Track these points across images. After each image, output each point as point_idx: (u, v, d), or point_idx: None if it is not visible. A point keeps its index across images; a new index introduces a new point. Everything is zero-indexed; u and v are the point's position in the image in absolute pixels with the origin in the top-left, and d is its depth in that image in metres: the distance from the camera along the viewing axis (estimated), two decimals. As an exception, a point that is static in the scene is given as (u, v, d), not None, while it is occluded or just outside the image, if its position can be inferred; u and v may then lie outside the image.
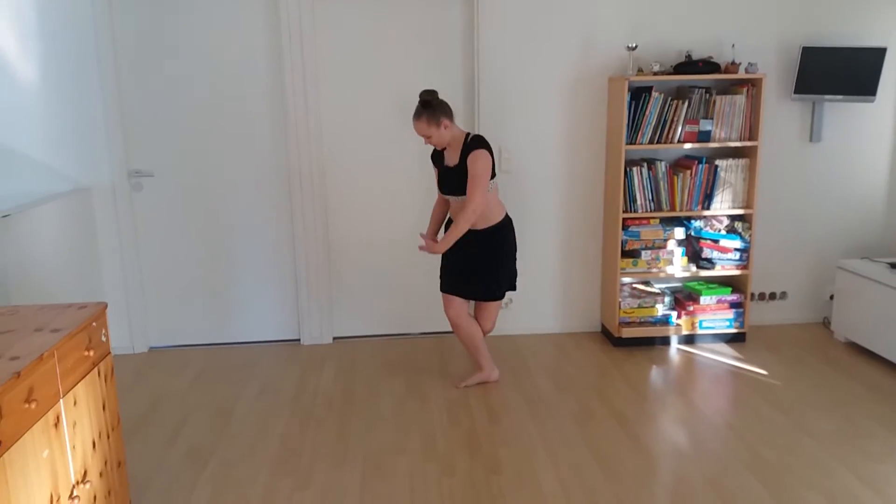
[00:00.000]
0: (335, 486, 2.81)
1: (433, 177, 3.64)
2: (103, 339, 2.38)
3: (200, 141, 4.11)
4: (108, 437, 2.37)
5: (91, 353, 2.26)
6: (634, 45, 4.00)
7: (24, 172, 3.93)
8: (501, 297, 3.66)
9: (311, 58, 4.02)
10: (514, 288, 3.72)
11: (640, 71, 4.07)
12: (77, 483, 2.12)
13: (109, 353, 2.42)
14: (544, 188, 4.31)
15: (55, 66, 3.87)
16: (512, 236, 3.61)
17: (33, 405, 1.88)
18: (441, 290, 3.65)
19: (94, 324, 2.30)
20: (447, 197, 3.56)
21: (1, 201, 3.41)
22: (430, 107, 3.34)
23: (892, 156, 4.45)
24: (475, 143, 3.38)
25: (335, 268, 4.34)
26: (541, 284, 4.41)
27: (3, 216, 3.17)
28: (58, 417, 2.03)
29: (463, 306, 3.62)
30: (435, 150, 3.58)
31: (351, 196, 4.28)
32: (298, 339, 4.38)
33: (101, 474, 2.29)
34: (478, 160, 3.33)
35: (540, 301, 4.44)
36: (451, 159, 3.46)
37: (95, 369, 2.30)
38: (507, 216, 3.57)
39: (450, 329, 4.45)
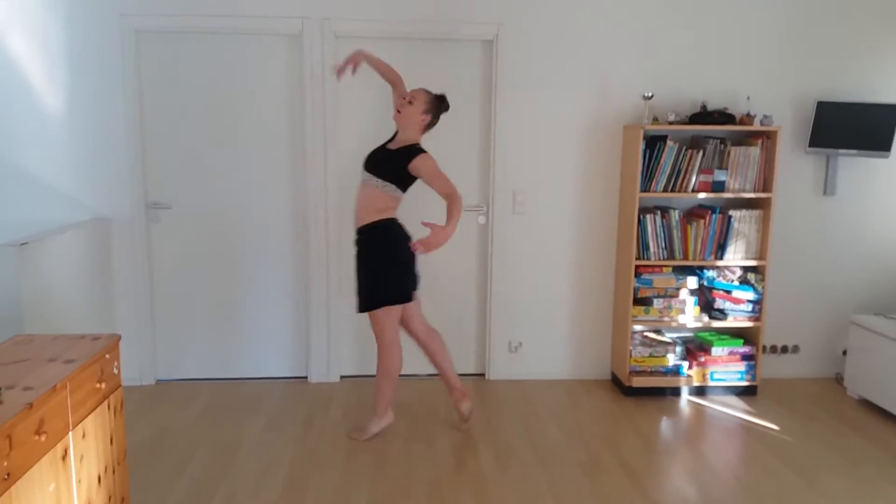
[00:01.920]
0: (339, 529, 2.77)
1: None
2: (115, 371, 2.38)
3: (218, 177, 4.16)
4: (114, 472, 2.36)
5: (102, 385, 2.27)
6: (651, 94, 4.05)
7: (45, 200, 3.98)
8: (379, 305, 3.38)
9: (331, 98, 4.09)
10: (405, 298, 3.43)
11: (655, 120, 4.11)
12: (81, 518, 2.10)
13: (120, 385, 2.42)
14: (557, 232, 4.32)
15: (81, 98, 3.95)
16: (400, 237, 3.39)
17: (43, 437, 1.88)
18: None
19: (107, 356, 2.31)
20: (364, 172, 3.39)
21: (20, 229, 3.45)
22: (441, 103, 3.42)
23: (906, 212, 4.45)
24: (418, 152, 3.31)
25: (346, 305, 4.33)
26: (551, 329, 4.40)
27: (21, 244, 3.20)
28: (66, 450, 2.03)
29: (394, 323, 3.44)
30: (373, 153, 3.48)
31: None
32: (306, 377, 4.36)
33: (105, 509, 2.27)
34: (422, 167, 3.28)
35: (550, 346, 4.42)
36: (393, 145, 3.43)
37: (106, 402, 2.30)
38: (394, 220, 3.40)
39: (459, 371, 4.42)
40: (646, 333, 4.25)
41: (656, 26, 4.17)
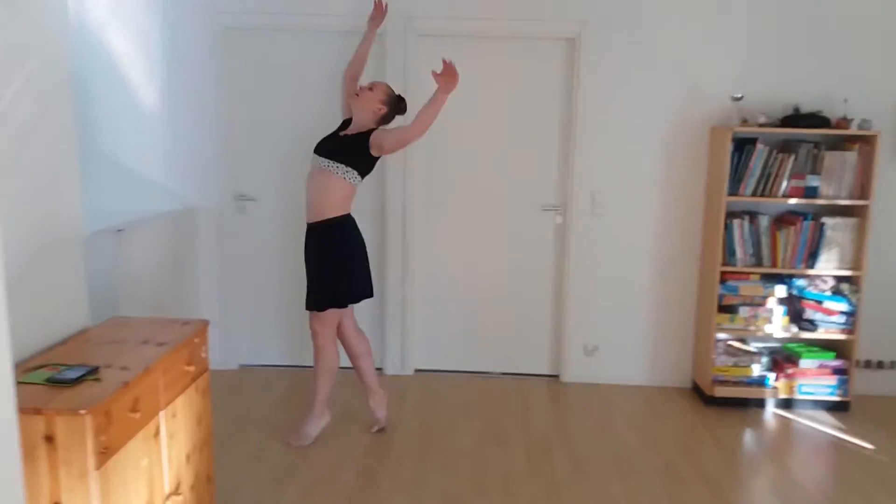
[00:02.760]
0: (412, 522, 2.78)
1: (526, 214, 3.59)
2: (203, 355, 2.46)
3: (301, 170, 4.25)
4: (201, 452, 2.44)
5: (192, 367, 2.34)
6: (740, 95, 3.90)
7: (140, 190, 4.16)
8: (331, 305, 3.30)
9: (411, 95, 4.11)
10: (356, 300, 3.40)
11: (744, 122, 3.96)
12: (170, 494, 2.18)
13: (207, 369, 2.50)
14: (638, 235, 4.22)
15: (175, 92, 4.11)
16: (355, 235, 3.34)
17: (138, 415, 1.96)
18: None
19: (196, 340, 2.39)
20: (315, 157, 3.32)
21: (116, 216, 3.61)
22: (400, 101, 3.40)
23: None
24: (364, 135, 3.27)
25: (422, 300, 4.36)
26: (629, 333, 4.30)
27: (118, 231, 3.35)
28: (157, 429, 2.10)
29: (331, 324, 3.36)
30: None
31: (443, 230, 4.31)
32: (380, 369, 4.40)
33: (192, 487, 2.35)
34: (384, 135, 3.24)
35: (628, 350, 4.31)
36: (349, 131, 3.36)
37: (194, 384, 2.37)
38: (349, 215, 3.33)
39: (532, 371, 4.40)
40: (730, 342, 4.10)
41: (747, 24, 4.01)
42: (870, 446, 3.58)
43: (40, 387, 1.84)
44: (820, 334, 3.97)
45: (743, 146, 3.88)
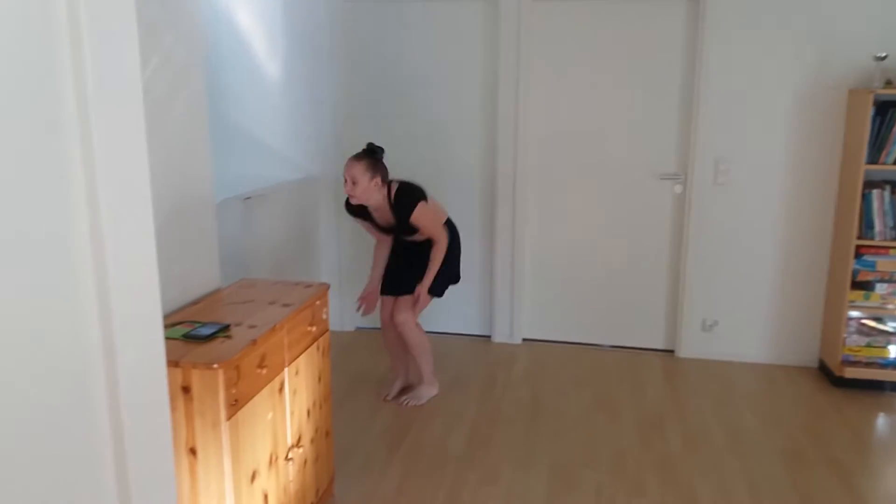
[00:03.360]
0: (521, 487, 2.81)
1: (644, 182, 3.48)
2: (324, 317, 2.58)
3: (415, 141, 4.31)
4: (321, 408, 2.57)
5: (313, 328, 2.46)
6: (884, 54, 3.57)
7: (265, 159, 4.37)
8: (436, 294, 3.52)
9: (525, 63, 4.06)
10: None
11: (888, 83, 3.63)
12: (293, 446, 2.32)
13: (328, 330, 2.62)
14: (764, 205, 3.99)
15: (296, 67, 4.27)
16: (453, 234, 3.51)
17: (264, 371, 2.09)
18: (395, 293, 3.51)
19: (317, 302, 2.50)
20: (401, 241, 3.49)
21: (244, 184, 3.82)
22: (374, 156, 3.19)
23: None
24: (403, 202, 3.24)
25: (532, 269, 4.35)
26: (751, 309, 4.10)
27: (246, 198, 3.55)
28: (282, 384, 2.23)
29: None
30: (356, 206, 3.31)
31: (556, 198, 4.26)
32: (489, 336, 4.45)
33: (312, 441, 2.48)
34: (421, 218, 3.27)
35: (749, 327, 4.12)
36: (383, 218, 3.34)
37: (315, 344, 2.49)
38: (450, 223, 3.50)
39: (645, 346, 4.30)
40: (864, 321, 3.82)
41: (899, -26, 3.66)
42: None
43: (178, 342, 2.00)
44: (970, 315, 3.63)
45: (886, 110, 3.56)
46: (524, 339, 4.42)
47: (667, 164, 4.11)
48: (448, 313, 4.48)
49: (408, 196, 3.26)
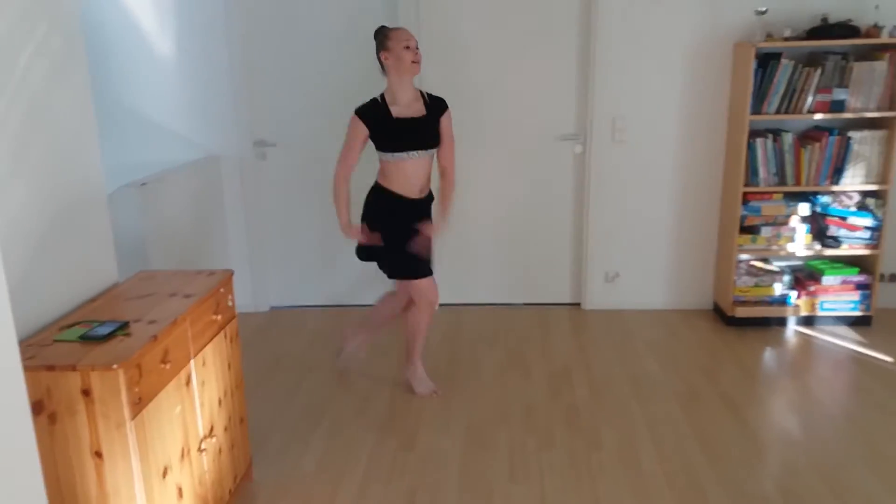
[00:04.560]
0: (437, 450, 2.93)
1: (545, 145, 3.56)
2: (229, 304, 2.57)
3: (321, 114, 4.26)
4: (232, 395, 2.59)
5: (218, 317, 2.46)
6: (764, 9, 3.76)
7: (161, 141, 4.23)
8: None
9: (425, 33, 4.06)
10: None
11: (769, 36, 3.82)
12: (205, 437, 2.33)
13: (235, 317, 2.62)
14: (658, 159, 4.18)
15: (188, 42, 4.11)
16: None
17: (168, 366, 2.08)
18: (426, 274, 3.26)
19: (221, 290, 2.49)
20: (407, 155, 3.11)
21: (141, 170, 3.70)
22: (377, 34, 3.15)
23: None
24: (436, 98, 3.21)
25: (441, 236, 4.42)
26: (650, 259, 4.32)
27: (141, 185, 3.45)
28: (189, 377, 2.24)
29: None
30: (368, 111, 3.12)
31: (460, 167, 4.29)
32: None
33: (225, 429, 2.51)
34: (449, 122, 3.21)
35: (649, 276, 4.35)
36: (413, 108, 3.13)
37: (222, 332, 2.49)
38: None
39: (555, 301, 4.47)
40: (752, 262, 4.10)
41: (771, -70, 3.82)
42: (889, 359, 3.61)
43: (75, 344, 1.97)
44: (844, 251, 3.94)
45: (767, 62, 3.76)
46: (441, 305, 4.50)
47: (567, 125, 4.22)
48: (366, 286, 4.51)
49: (440, 98, 3.22)
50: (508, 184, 4.33)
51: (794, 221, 3.96)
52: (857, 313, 4.00)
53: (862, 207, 3.92)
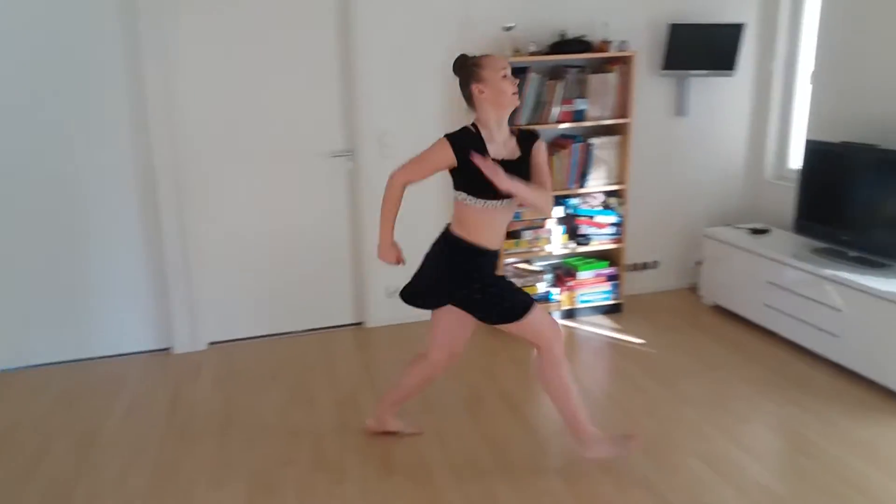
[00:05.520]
0: (218, 509, 2.65)
1: (317, 163, 3.38)
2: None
3: (46, 136, 3.69)
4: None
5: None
6: (511, 25, 3.94)
7: None
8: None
9: (173, 46, 3.69)
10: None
11: (516, 52, 4.03)
12: None
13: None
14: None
15: None
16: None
17: None
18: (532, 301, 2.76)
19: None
20: (491, 203, 2.61)
21: None
22: (455, 64, 2.73)
23: (749, 127, 4.69)
24: (525, 130, 2.73)
25: (210, 268, 4.06)
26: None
27: None
28: None
29: None
30: (460, 140, 2.61)
31: (227, 190, 4.00)
32: (168, 348, 4.08)
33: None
34: (542, 151, 2.70)
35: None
36: (507, 149, 2.64)
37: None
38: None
39: (337, 323, 4.33)
40: (517, 265, 4.31)
41: (510, -49, 4.03)
42: (639, 341, 4.00)
43: None
44: (594, 246, 4.30)
45: (516, 76, 3.94)
46: (211, 343, 4.14)
47: (336, 142, 4.11)
48: (117, 332, 3.98)
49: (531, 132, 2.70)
50: (281, 205, 4.09)
51: (550, 223, 4.23)
52: (610, 302, 4.39)
53: (606, 206, 4.31)
